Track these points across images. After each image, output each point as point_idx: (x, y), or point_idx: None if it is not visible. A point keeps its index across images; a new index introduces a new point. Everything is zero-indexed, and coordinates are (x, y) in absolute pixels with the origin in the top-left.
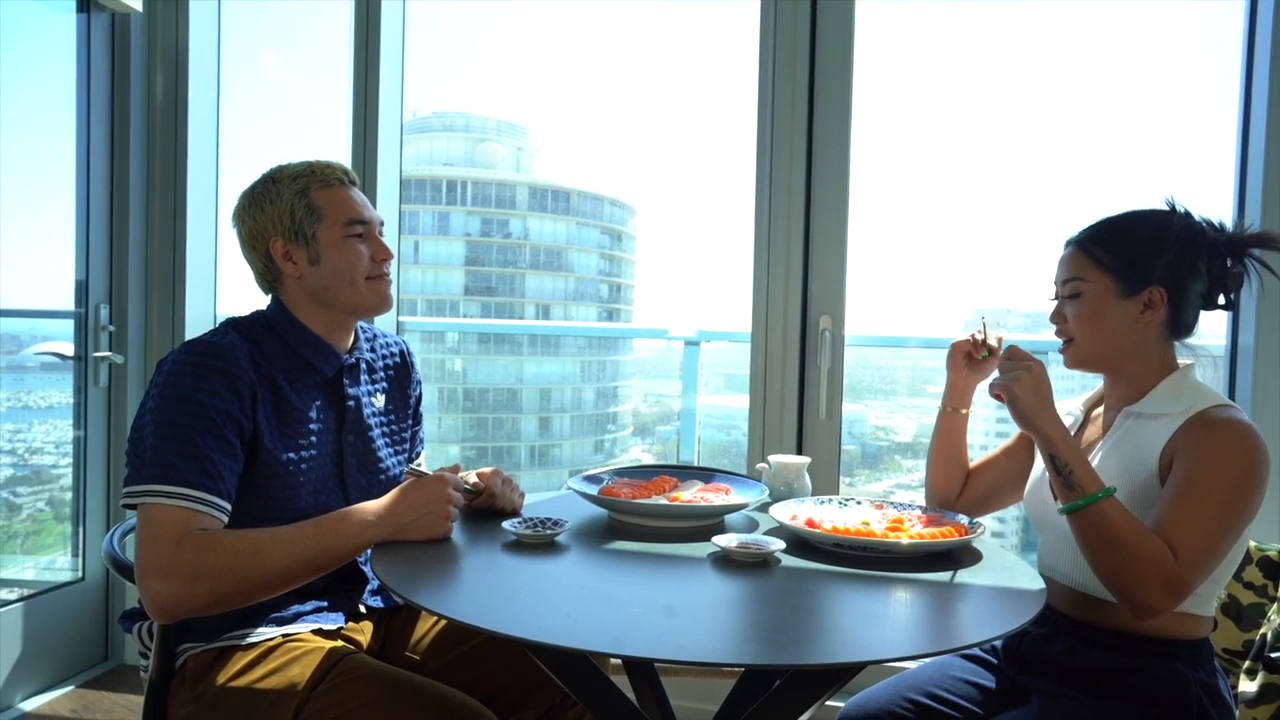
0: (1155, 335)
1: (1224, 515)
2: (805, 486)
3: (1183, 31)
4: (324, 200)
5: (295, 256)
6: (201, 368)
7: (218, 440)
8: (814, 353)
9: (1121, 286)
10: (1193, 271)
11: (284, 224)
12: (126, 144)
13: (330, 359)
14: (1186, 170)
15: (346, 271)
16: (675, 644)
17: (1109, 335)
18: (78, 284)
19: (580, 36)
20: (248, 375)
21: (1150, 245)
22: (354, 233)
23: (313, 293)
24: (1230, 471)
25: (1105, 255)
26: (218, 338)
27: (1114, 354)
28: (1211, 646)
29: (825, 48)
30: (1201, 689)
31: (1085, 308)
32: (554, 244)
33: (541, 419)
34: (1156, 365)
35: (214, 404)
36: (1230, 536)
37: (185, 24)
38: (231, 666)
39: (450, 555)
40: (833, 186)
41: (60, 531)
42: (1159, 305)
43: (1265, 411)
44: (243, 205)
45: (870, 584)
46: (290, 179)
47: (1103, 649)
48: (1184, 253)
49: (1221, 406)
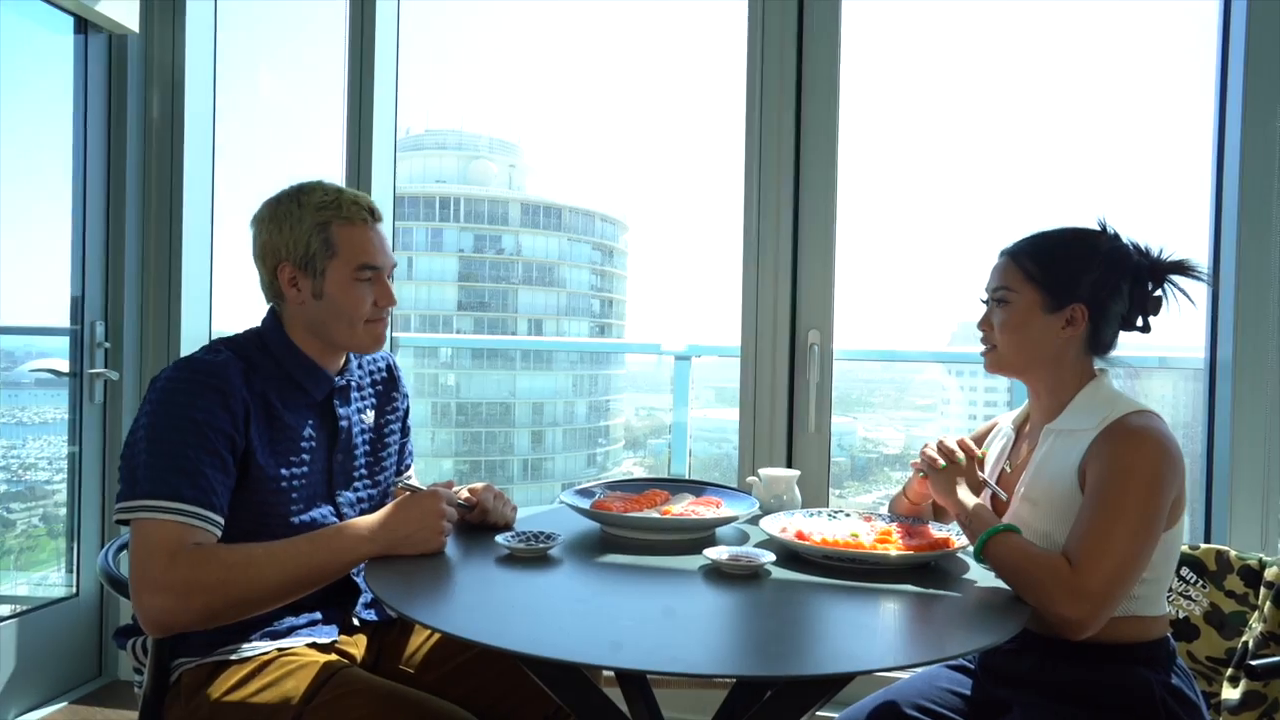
0: (1074, 350)
1: (1127, 523)
2: (795, 499)
3: (1163, 46)
4: (342, 238)
5: (300, 285)
6: (195, 384)
7: (211, 456)
8: (803, 367)
9: (1047, 300)
10: (1115, 292)
11: (297, 252)
12: (123, 162)
13: (321, 382)
14: (1166, 181)
15: (347, 314)
16: (667, 656)
17: (1030, 346)
18: (73, 301)
19: (571, 55)
20: (240, 393)
21: (1078, 263)
22: (364, 277)
23: (310, 323)
24: (1132, 480)
25: (1035, 269)
26: (211, 355)
27: (1032, 364)
28: (1171, 647)
29: (812, 65)
30: (1165, 690)
31: (1011, 318)
32: (546, 260)
33: (534, 433)
34: (1073, 377)
35: (207, 420)
36: (1140, 539)
37: (182, 44)
38: (226, 681)
39: (443, 569)
40: (820, 203)
41: (54, 548)
42: (1080, 322)
43: (1244, 424)
44: (264, 216)
45: (859, 595)
46: (315, 207)
47: (1069, 661)
48: (1108, 273)
49: (1133, 414)
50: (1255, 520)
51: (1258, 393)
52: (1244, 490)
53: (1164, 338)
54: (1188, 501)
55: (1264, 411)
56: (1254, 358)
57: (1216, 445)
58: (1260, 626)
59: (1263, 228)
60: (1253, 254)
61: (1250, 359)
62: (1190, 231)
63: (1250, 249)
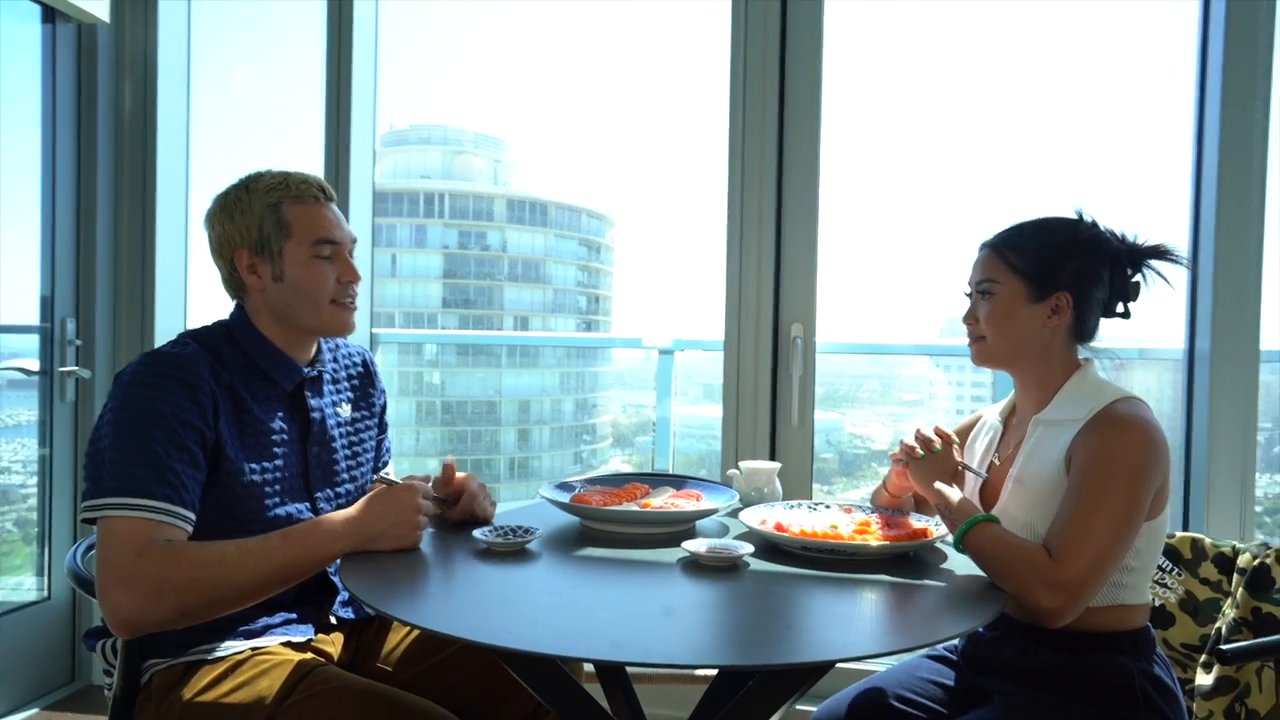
0: (1060, 339)
1: (1108, 513)
2: (776, 492)
3: (1143, 36)
4: (295, 216)
5: (260, 270)
6: (162, 378)
7: (180, 450)
8: (786, 360)
9: (1032, 290)
10: (1096, 279)
11: (251, 237)
12: (94, 156)
13: (290, 372)
14: (1145, 172)
15: (310, 292)
16: (643, 647)
17: (1017, 336)
18: (43, 299)
19: (557, 49)
20: (208, 386)
21: (1059, 252)
22: (322, 254)
23: (274, 308)
24: (1114, 469)
25: (1018, 260)
26: (177, 348)
27: (1020, 354)
28: (1152, 636)
29: (795, 59)
30: (1145, 679)
31: (997, 309)
32: (532, 256)
33: (520, 431)
34: (1060, 367)
35: (175, 414)
36: (1120, 530)
37: (154, 35)
38: (198, 681)
39: (421, 564)
40: (803, 196)
41: (29, 553)
42: (1065, 310)
43: (1221, 414)
44: (214, 210)
45: (838, 585)
46: (264, 190)
47: (1050, 649)
48: (1089, 260)
49: (1119, 401)
50: (1233, 508)
51: (1235, 383)
52: (1221, 479)
53: (1144, 329)
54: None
55: (1241, 401)
56: (1231, 349)
57: (1195, 435)
58: (1233, 613)
59: (1241, 220)
60: (1231, 246)
61: (1228, 350)
62: (1169, 223)
63: (1228, 241)
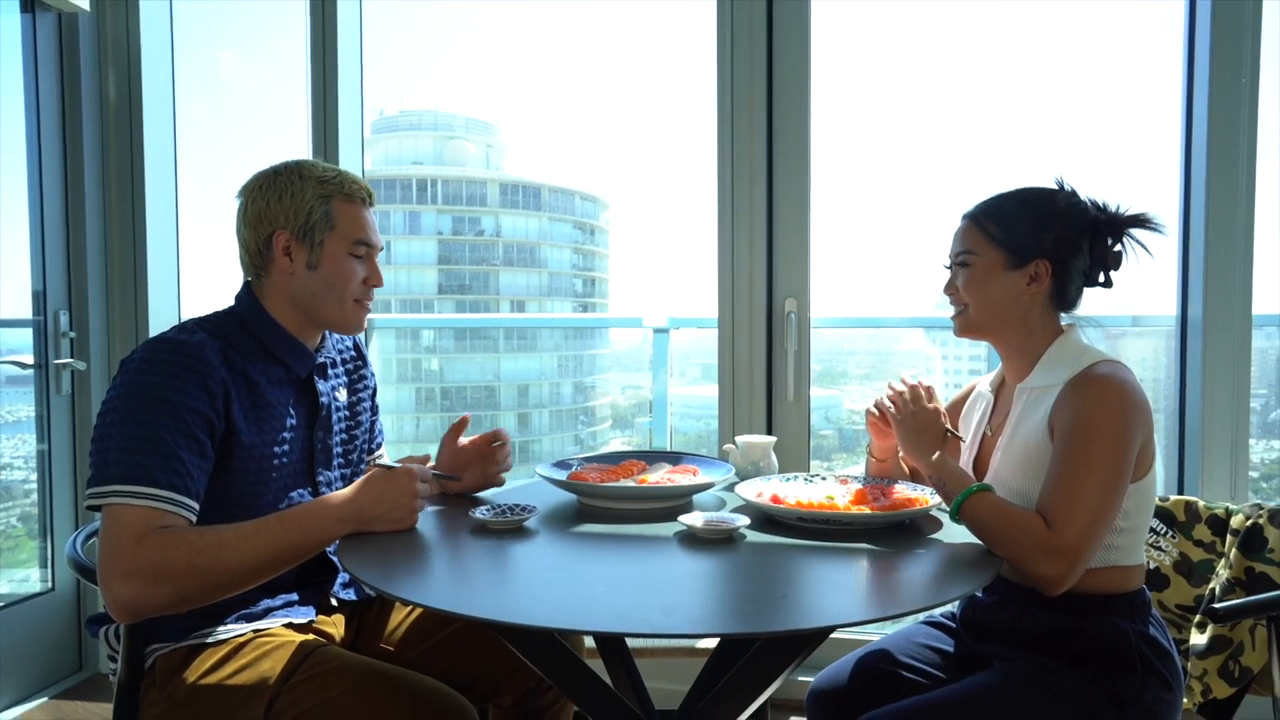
0: (1040, 306)
1: (1096, 475)
2: (772, 465)
3: (1131, 8)
4: (342, 213)
5: (295, 255)
6: (171, 365)
7: (187, 439)
8: (780, 336)
9: (1009, 259)
10: (1075, 248)
11: (297, 221)
12: (80, 146)
13: (304, 358)
14: (1136, 142)
15: (339, 287)
16: (642, 618)
17: (996, 304)
18: (35, 292)
19: (546, 32)
20: (219, 373)
21: (1037, 221)
22: (358, 253)
23: (297, 294)
24: (1097, 432)
25: (996, 229)
26: (185, 335)
27: (1001, 322)
28: (1147, 597)
29: (782, 34)
30: (1142, 640)
31: (974, 277)
32: (526, 240)
33: (520, 415)
34: (1042, 334)
35: (184, 402)
36: (1109, 491)
37: (136, 23)
38: (201, 664)
39: (419, 544)
40: (794, 172)
41: (33, 547)
42: (1044, 278)
43: (1213, 379)
44: (258, 185)
45: (834, 555)
46: (317, 180)
47: (1048, 612)
48: (1068, 229)
49: (1098, 364)
50: (1225, 472)
51: (1226, 349)
52: (1214, 443)
53: (1138, 297)
54: (1162, 455)
55: (1232, 367)
56: (1223, 314)
57: (1188, 400)
58: (1226, 573)
59: (1230, 187)
60: (1221, 215)
61: (1219, 316)
62: (1160, 191)
63: (1218, 209)
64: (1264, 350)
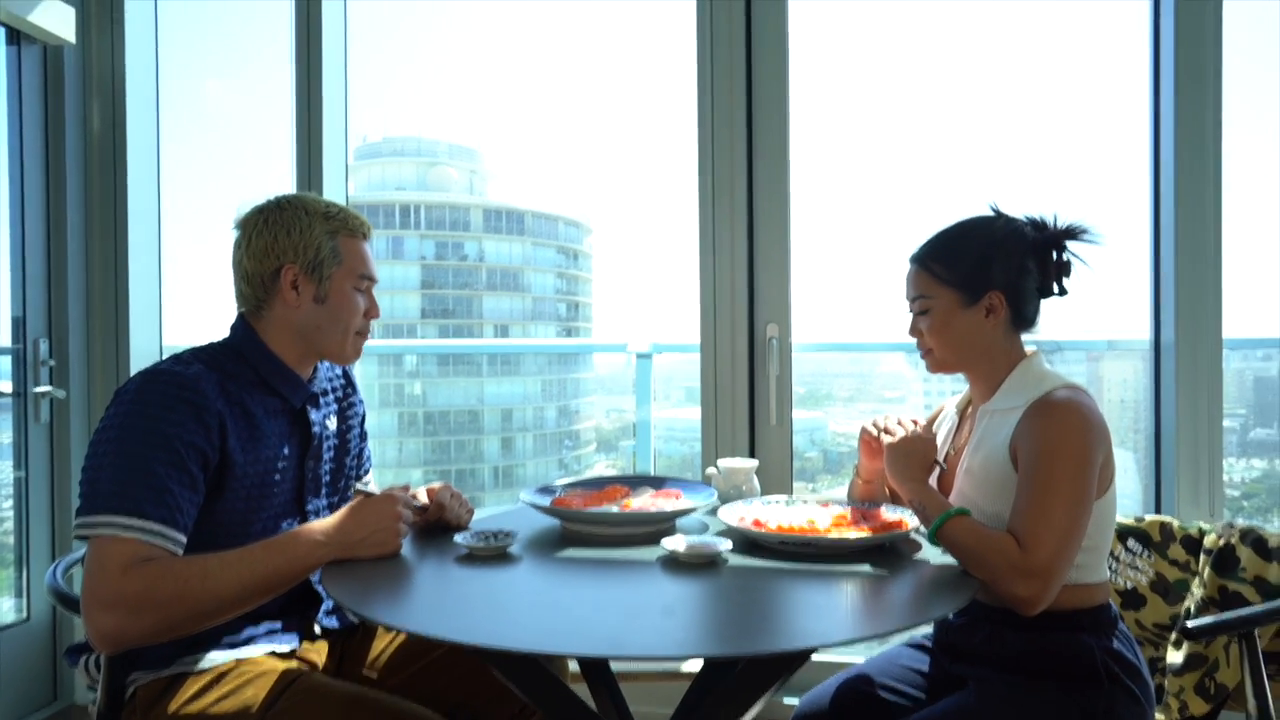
0: (1003, 333)
1: (1062, 497)
2: (754, 489)
3: (1099, 34)
4: (347, 249)
5: (302, 289)
6: (168, 397)
7: (180, 473)
8: (762, 360)
9: (963, 297)
10: (1022, 270)
11: (305, 256)
12: (63, 176)
13: (299, 389)
14: (1107, 166)
15: (343, 319)
16: (625, 641)
17: (961, 341)
18: (14, 320)
19: (527, 59)
20: (215, 405)
21: (980, 254)
22: (361, 286)
23: (300, 327)
24: (1059, 455)
25: (943, 270)
26: (182, 367)
27: (969, 357)
28: (1114, 613)
29: (761, 61)
30: (1107, 655)
31: (936, 320)
32: (510, 265)
33: (504, 439)
34: (1004, 360)
35: (179, 434)
36: (1075, 511)
37: (121, 54)
38: (183, 693)
39: (403, 570)
40: (774, 198)
41: (6, 577)
42: (1000, 308)
43: (1187, 400)
44: (262, 219)
45: (815, 577)
46: (322, 217)
47: (1016, 631)
48: (1011, 256)
49: (1057, 389)
50: (1201, 491)
51: (1199, 370)
52: (1189, 463)
53: (1113, 321)
54: (1138, 475)
55: (1206, 388)
56: (1194, 337)
57: (1163, 421)
58: (1200, 592)
59: (1199, 213)
60: (1190, 239)
61: (1190, 339)
62: (1130, 217)
63: (1188, 234)
64: (1243, 372)
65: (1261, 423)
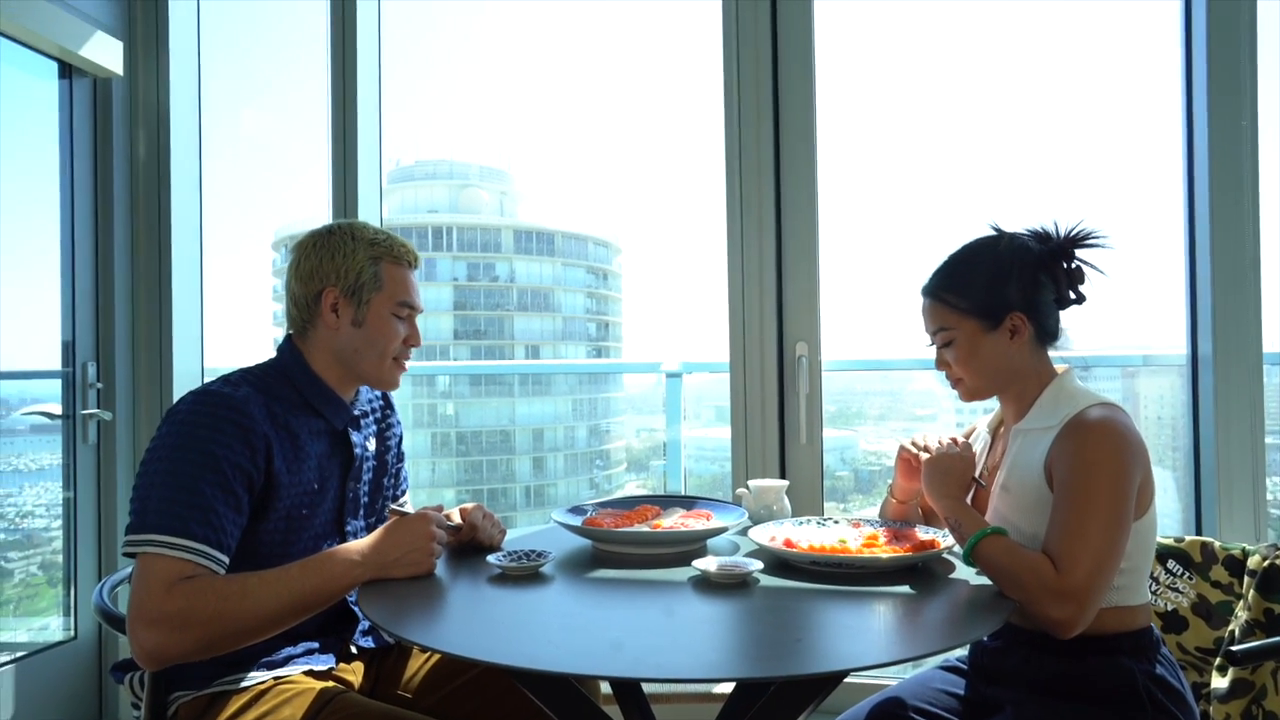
0: (1029, 352)
1: (1099, 517)
2: (785, 509)
3: (1131, 44)
4: (390, 275)
5: (342, 312)
6: (217, 419)
7: (226, 494)
8: (792, 379)
9: (984, 323)
10: (1037, 286)
11: (347, 280)
12: (110, 204)
13: (342, 412)
14: (1141, 176)
15: (381, 344)
16: (657, 663)
17: (990, 367)
18: (64, 344)
19: (556, 81)
20: (261, 428)
21: (991, 277)
22: (401, 314)
23: (339, 350)
24: (1096, 475)
25: (958, 300)
26: (230, 389)
27: (1000, 381)
28: (1155, 636)
29: (788, 78)
30: (1149, 679)
31: (961, 351)
32: (540, 285)
33: (535, 459)
34: (1035, 378)
35: (227, 456)
36: (1113, 532)
37: (166, 85)
38: (224, 712)
39: (436, 590)
40: (802, 215)
41: (53, 595)
42: (1023, 328)
43: (1227, 416)
44: (312, 243)
45: (848, 598)
46: (368, 243)
47: (1053, 655)
48: (1022, 273)
49: (1092, 407)
50: (1246, 511)
51: (1239, 385)
52: (1232, 482)
53: (1148, 335)
54: (1178, 495)
55: (1247, 403)
56: (1234, 351)
57: (1202, 439)
58: (1245, 615)
59: (1236, 223)
60: (1227, 249)
61: (1230, 352)
62: (1164, 226)
63: (1224, 244)
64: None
65: None
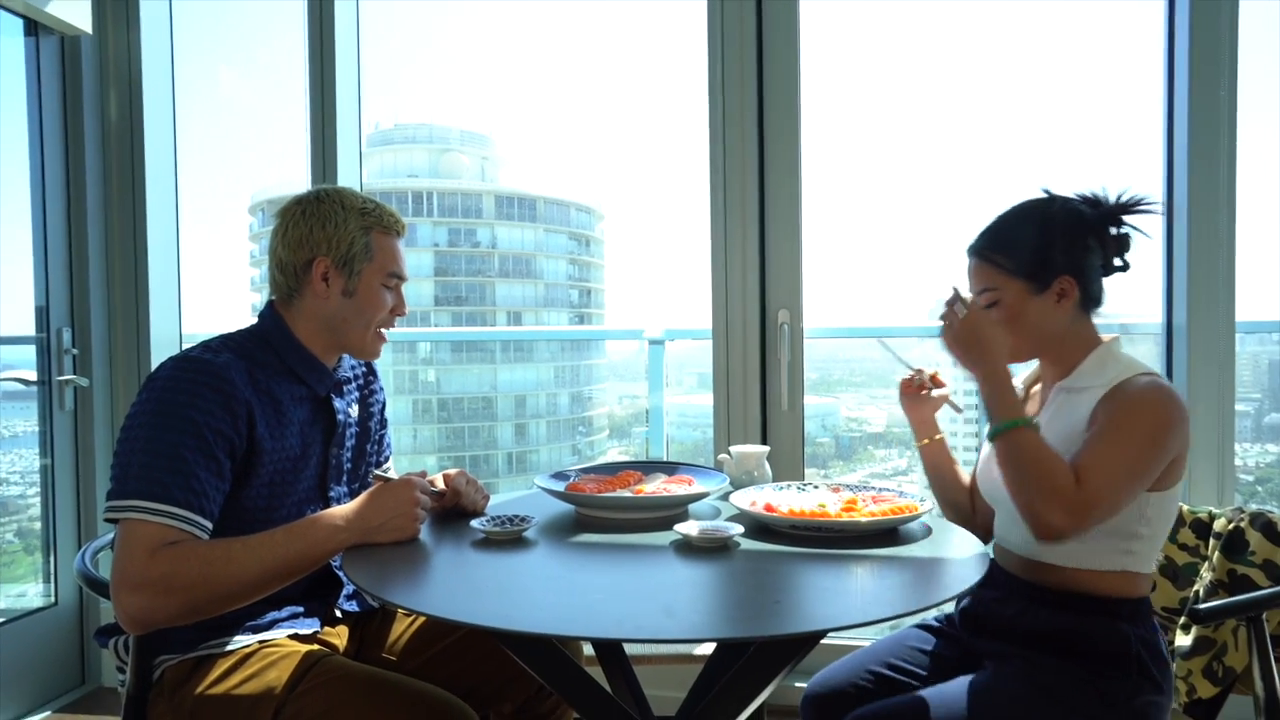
0: (1075, 316)
1: (1131, 457)
2: (766, 474)
3: (1114, 22)
4: (380, 245)
5: (332, 281)
6: (198, 385)
7: (208, 459)
8: (774, 346)
9: (1032, 285)
10: (1086, 250)
11: (339, 249)
12: (82, 166)
13: (325, 378)
14: (1119, 148)
15: (368, 314)
16: (639, 625)
17: (1036, 330)
18: (38, 309)
19: (539, 44)
20: (243, 394)
21: (1042, 239)
22: (389, 284)
23: (327, 318)
24: (1142, 421)
25: (1006, 260)
26: (211, 355)
27: (1045, 343)
28: (1150, 605)
29: (772, 44)
30: (1141, 644)
31: (1007, 312)
32: (522, 251)
33: (518, 425)
34: (1080, 342)
35: (208, 422)
36: (1136, 477)
37: (137, 44)
38: (209, 675)
39: (420, 555)
40: (785, 183)
41: (30, 562)
42: (1071, 291)
43: (1199, 384)
44: (300, 210)
45: (827, 561)
46: (359, 211)
47: (1052, 609)
48: (1073, 237)
49: (1142, 375)
50: (1212, 475)
51: (1211, 354)
52: (1201, 447)
53: (1126, 304)
54: None
55: (1218, 372)
56: (1207, 321)
57: None
58: (1209, 575)
59: (1212, 195)
60: (1203, 222)
61: (1202, 322)
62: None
63: (1200, 217)
64: (1258, 355)
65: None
